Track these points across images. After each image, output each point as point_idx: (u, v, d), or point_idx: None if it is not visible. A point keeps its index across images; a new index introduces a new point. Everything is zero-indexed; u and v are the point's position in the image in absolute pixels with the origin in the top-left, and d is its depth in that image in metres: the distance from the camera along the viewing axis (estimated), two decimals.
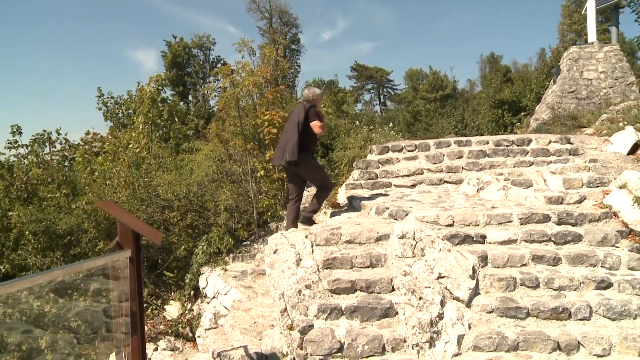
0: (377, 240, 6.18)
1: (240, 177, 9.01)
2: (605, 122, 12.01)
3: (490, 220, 6.57)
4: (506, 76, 34.74)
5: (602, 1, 16.22)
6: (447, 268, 5.41)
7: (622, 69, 15.20)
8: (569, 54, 16.08)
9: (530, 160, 9.29)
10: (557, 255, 5.96)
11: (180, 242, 8.47)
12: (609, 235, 6.27)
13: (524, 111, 22.94)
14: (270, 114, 8.80)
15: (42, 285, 3.24)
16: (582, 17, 21.54)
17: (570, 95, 15.32)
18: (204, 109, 27.70)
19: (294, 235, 6.35)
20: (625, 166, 8.52)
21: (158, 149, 12.10)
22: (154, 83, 15.27)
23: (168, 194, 8.81)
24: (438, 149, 9.82)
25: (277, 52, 9.97)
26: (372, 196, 8.35)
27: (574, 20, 40.99)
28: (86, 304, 5.31)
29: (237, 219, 8.60)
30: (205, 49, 36.47)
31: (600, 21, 20.62)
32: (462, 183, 8.73)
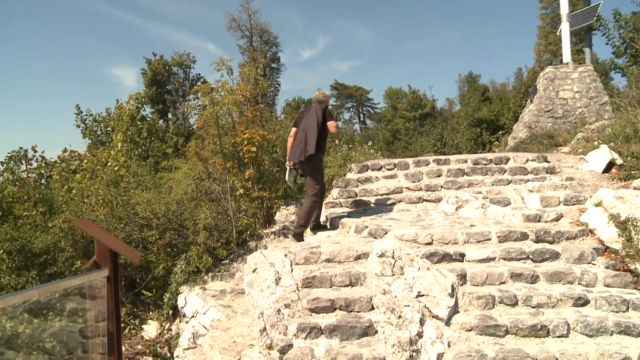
0: (356, 259, 6.19)
1: (220, 195, 8.97)
2: (581, 140, 12.18)
3: (469, 238, 6.62)
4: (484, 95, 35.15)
5: (576, 23, 16.54)
6: (426, 286, 5.43)
7: (596, 89, 15.46)
8: (545, 74, 16.32)
9: (508, 179, 9.38)
10: (535, 273, 6.01)
11: (158, 261, 8.40)
12: (585, 253, 6.34)
13: (502, 130, 23.19)
14: (249, 133, 8.79)
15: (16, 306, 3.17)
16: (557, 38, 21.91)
17: (547, 114, 15.52)
18: (183, 126, 27.64)
19: (273, 254, 6.33)
20: (601, 184, 8.63)
21: (137, 167, 12.03)
22: (133, 101, 15.21)
23: (147, 212, 8.74)
24: (417, 167, 9.88)
25: (256, 71, 9.98)
26: (351, 215, 8.36)
27: (549, 40, 41.76)
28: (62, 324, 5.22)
29: (216, 237, 8.55)
30: (185, 67, 36.46)
31: (575, 42, 21.02)
32: (441, 201, 8.78)
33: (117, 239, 3.71)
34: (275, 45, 52.47)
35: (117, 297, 3.57)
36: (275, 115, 17.33)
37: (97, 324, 3.53)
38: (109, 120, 17.89)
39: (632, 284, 6.05)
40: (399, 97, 57.13)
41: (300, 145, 7.64)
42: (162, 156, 16.62)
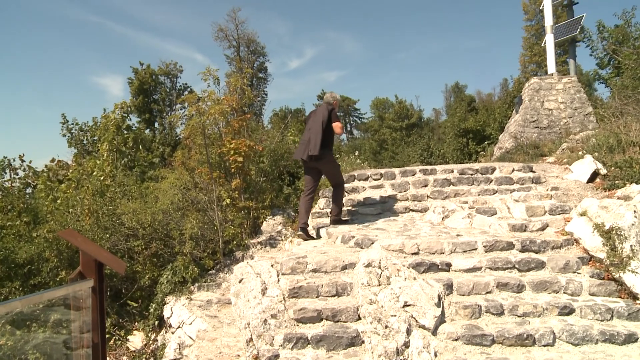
0: (343, 269, 6.19)
1: (206, 205, 8.94)
2: (566, 151, 12.29)
3: (455, 248, 6.64)
4: (470, 105, 35.38)
5: (560, 35, 16.72)
6: (412, 296, 5.44)
7: (581, 100, 15.62)
8: (530, 85, 16.47)
9: (494, 189, 9.43)
10: (521, 282, 6.05)
11: (144, 271, 8.35)
12: (570, 262, 6.40)
13: (488, 140, 23.33)
14: (236, 143, 8.79)
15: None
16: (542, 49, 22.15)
17: (532, 124, 15.65)
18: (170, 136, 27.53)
19: (260, 264, 6.33)
20: (585, 194, 8.71)
21: (123, 177, 11.96)
22: (119, 110, 15.16)
23: (133, 222, 8.69)
24: (403, 177, 9.91)
25: (243, 81, 9.98)
26: (337, 225, 8.37)
27: (534, 52, 42.17)
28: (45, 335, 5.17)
29: (203, 247, 8.52)
30: (172, 77, 36.39)
31: (559, 53, 21.27)
32: (427, 211, 8.81)
33: (103, 249, 3.69)
34: (262, 55, 52.58)
35: (102, 307, 3.55)
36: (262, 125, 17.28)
37: (82, 335, 3.50)
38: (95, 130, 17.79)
39: (616, 292, 6.11)
40: (386, 107, 57.33)
41: (304, 144, 8.06)
42: (149, 166, 16.54)
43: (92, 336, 3.47)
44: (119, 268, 3.73)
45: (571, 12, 17.32)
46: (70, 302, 3.47)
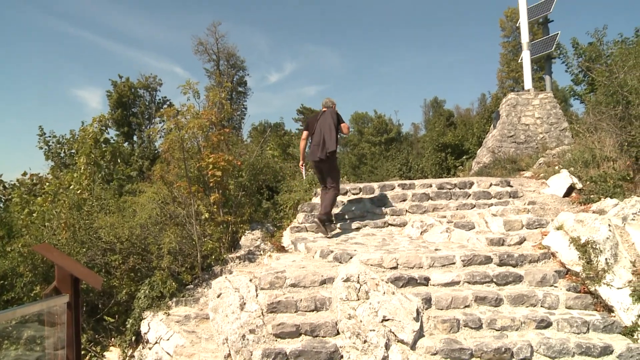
0: (321, 284, 6.19)
1: (185, 219, 8.89)
2: (543, 165, 12.44)
3: (434, 262, 6.68)
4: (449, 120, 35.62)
5: (536, 52, 16.98)
6: (391, 311, 5.45)
7: (556, 115, 15.84)
8: (507, 100, 16.67)
9: (472, 203, 9.51)
10: (499, 296, 6.09)
11: (122, 285, 8.25)
12: (547, 276, 6.46)
13: (467, 154, 23.51)
14: (215, 157, 8.76)
15: None
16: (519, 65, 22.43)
17: (510, 139, 15.82)
18: (149, 149, 27.36)
19: (238, 279, 6.30)
20: (562, 208, 8.82)
21: (100, 191, 11.85)
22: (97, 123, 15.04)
23: (110, 236, 8.60)
24: (382, 192, 9.95)
25: (222, 95, 9.97)
26: (316, 239, 8.37)
27: (511, 68, 42.72)
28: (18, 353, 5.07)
29: (181, 262, 8.45)
30: (152, 90, 36.18)
31: (536, 69, 21.58)
32: (406, 226, 8.85)
33: (79, 264, 3.66)
34: (242, 69, 52.62)
35: (77, 323, 3.50)
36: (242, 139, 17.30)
37: (56, 351, 3.45)
38: (72, 143, 17.62)
39: (592, 305, 6.19)
40: (365, 121, 57.55)
41: (319, 145, 8.66)
42: (127, 179, 16.42)
43: (66, 353, 3.43)
44: (96, 283, 3.69)
45: (547, 30, 17.60)
46: (44, 318, 3.43)
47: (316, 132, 8.89)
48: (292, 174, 12.34)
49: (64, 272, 3.42)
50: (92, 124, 14.70)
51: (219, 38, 50.59)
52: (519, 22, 17.16)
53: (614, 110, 9.27)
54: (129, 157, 23.09)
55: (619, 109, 9.05)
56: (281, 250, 8.68)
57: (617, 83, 9.05)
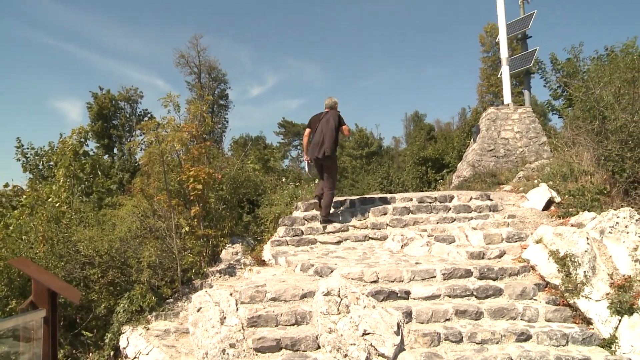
0: (302, 298, 6.18)
1: (165, 233, 8.83)
2: (522, 179, 12.55)
3: (414, 276, 6.70)
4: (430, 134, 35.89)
5: (515, 67, 17.19)
6: (372, 324, 5.45)
7: (535, 130, 16.01)
8: (487, 115, 16.82)
9: (452, 217, 9.56)
10: (480, 310, 6.12)
11: (100, 299, 8.16)
12: (527, 289, 6.51)
13: (447, 168, 23.63)
14: (195, 170, 8.73)
15: None
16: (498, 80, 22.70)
17: (490, 153, 15.95)
18: (129, 162, 27.19)
19: (219, 293, 6.27)
20: (541, 221, 8.90)
21: (80, 204, 11.73)
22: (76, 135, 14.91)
23: (89, 249, 8.51)
24: (363, 205, 9.97)
25: (203, 108, 9.96)
26: (297, 253, 8.37)
27: (491, 82, 43.15)
28: None
29: (161, 276, 8.38)
30: (133, 102, 36.02)
31: (515, 84, 21.81)
32: (386, 239, 8.87)
33: (57, 278, 3.61)
34: (223, 82, 52.54)
35: (54, 338, 3.45)
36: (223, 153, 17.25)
37: None
38: (51, 155, 17.43)
39: (571, 318, 6.25)
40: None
41: (318, 145, 9.27)
42: (107, 192, 16.27)
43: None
44: (74, 297, 3.65)
45: (525, 45, 17.85)
46: (20, 334, 3.37)
47: (317, 132, 9.47)
48: (273, 188, 12.33)
49: (41, 286, 3.38)
50: (72, 136, 14.58)
51: (200, 51, 50.55)
52: (498, 38, 17.36)
53: (591, 125, 9.41)
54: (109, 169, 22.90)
55: (596, 124, 9.18)
56: (262, 264, 8.66)
57: (594, 98, 9.19)
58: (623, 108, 8.62)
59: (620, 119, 8.55)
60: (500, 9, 16.76)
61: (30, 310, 3.34)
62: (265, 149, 22.44)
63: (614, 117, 8.72)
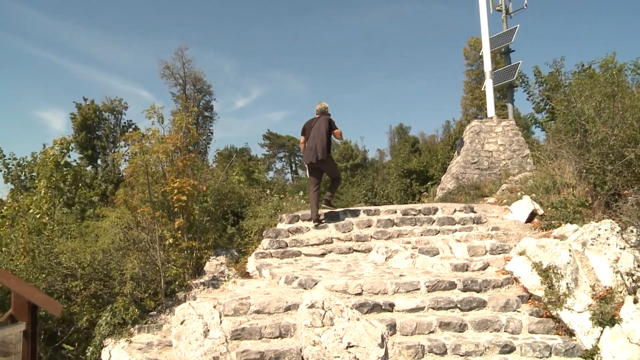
0: (286, 310, 6.16)
1: (148, 245, 8.77)
2: (506, 191, 12.62)
3: (399, 288, 6.70)
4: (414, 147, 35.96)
5: (498, 80, 17.35)
6: (356, 337, 5.44)
7: (518, 143, 16.14)
8: (471, 127, 16.91)
9: (436, 229, 9.59)
10: (463, 322, 6.14)
11: (82, 312, 8.08)
12: (510, 301, 6.55)
13: (431, 180, 23.71)
14: (180, 182, 8.70)
15: None
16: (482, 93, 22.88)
17: (473, 166, 16.04)
18: (112, 173, 27.03)
19: (202, 306, 6.23)
20: (524, 234, 8.96)
21: (61, 215, 11.63)
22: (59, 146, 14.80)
23: (71, 261, 8.43)
24: (347, 217, 9.98)
25: (188, 120, 9.94)
26: (281, 265, 8.35)
27: (475, 95, 43.50)
28: None
29: (144, 288, 8.32)
30: (117, 113, 35.85)
31: (499, 97, 21.99)
32: (371, 252, 8.87)
33: (37, 290, 3.58)
34: (208, 93, 52.47)
35: (34, 353, 3.41)
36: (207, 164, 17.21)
37: None
38: (33, 166, 17.28)
39: (554, 329, 6.29)
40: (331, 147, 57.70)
41: (312, 150, 9.66)
42: (89, 204, 16.14)
43: None
44: (55, 310, 3.61)
45: (509, 59, 18.03)
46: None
47: (310, 138, 9.83)
48: (258, 200, 12.30)
49: (21, 299, 3.34)
50: (53, 147, 14.47)
51: (185, 62, 50.45)
52: (481, 52, 17.51)
53: (572, 138, 9.50)
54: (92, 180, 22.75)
55: (578, 137, 9.28)
56: (246, 276, 8.62)
57: (575, 112, 9.29)
58: (603, 122, 8.72)
59: (600, 132, 8.65)
60: (484, 23, 16.93)
61: (10, 323, 3.30)
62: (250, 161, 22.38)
63: (594, 130, 8.82)
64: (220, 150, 40.76)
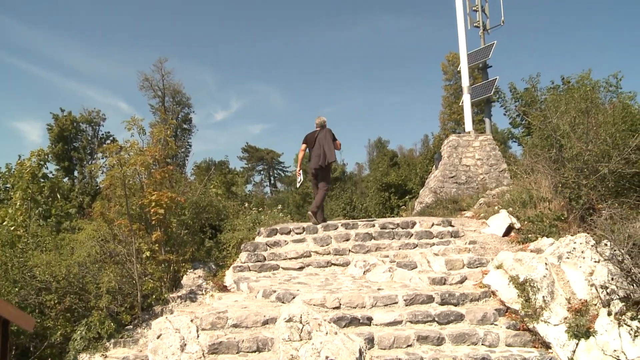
0: (264, 324, 6.14)
1: (125, 258, 8.70)
2: (483, 205, 12.72)
3: (377, 302, 6.71)
4: (393, 160, 36.11)
5: (476, 95, 17.54)
6: (334, 351, 5.43)
7: (496, 157, 16.30)
8: (449, 142, 17.04)
9: (414, 243, 9.62)
10: (441, 335, 6.16)
11: (56, 326, 7.95)
12: (488, 314, 6.59)
13: (410, 194, 23.78)
14: (158, 194, 8.65)
15: None
16: (460, 107, 23.11)
17: (451, 180, 16.15)
18: (90, 185, 26.79)
19: (179, 319, 6.19)
20: (501, 247, 9.03)
21: (37, 227, 11.48)
22: (35, 157, 14.64)
23: (45, 275, 8.31)
24: (326, 231, 9.99)
25: (167, 132, 9.90)
26: (259, 279, 8.33)
27: (453, 110, 43.84)
28: None
29: (120, 302, 8.23)
30: (95, 125, 35.64)
31: (476, 112, 22.25)
32: (349, 265, 8.88)
33: (9, 304, 3.52)
34: (187, 106, 52.22)
35: None
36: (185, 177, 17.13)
37: None
38: (8, 177, 17.05)
39: (531, 342, 6.35)
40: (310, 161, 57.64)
41: (320, 156, 10.75)
42: (66, 216, 15.95)
43: None
44: (27, 325, 3.56)
45: (486, 74, 18.23)
46: None
47: (316, 146, 10.91)
48: (236, 213, 12.25)
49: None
50: (30, 158, 14.32)
51: (165, 74, 50.19)
52: (459, 67, 17.71)
53: (548, 153, 9.61)
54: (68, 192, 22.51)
55: (553, 152, 9.39)
56: (223, 289, 8.57)
57: (551, 127, 9.41)
58: (578, 137, 8.85)
59: (575, 147, 8.78)
60: (462, 39, 17.14)
61: None
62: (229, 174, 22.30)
63: (570, 145, 8.95)
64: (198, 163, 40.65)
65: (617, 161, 8.41)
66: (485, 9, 18.23)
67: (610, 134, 8.73)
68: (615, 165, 8.40)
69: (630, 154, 8.48)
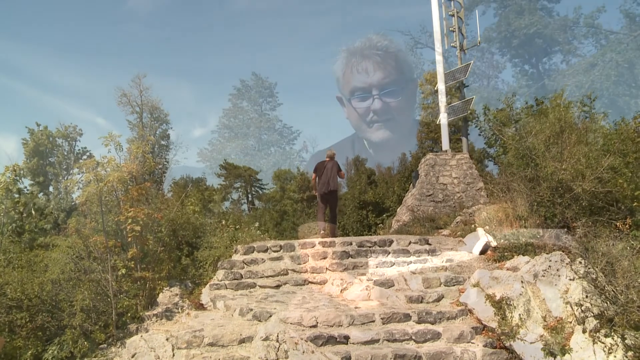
0: (240, 343, 6.10)
1: (100, 275, 8.58)
2: (460, 224, 12.80)
3: (354, 320, 6.71)
4: (370, 178, 36.15)
5: (453, 114, 17.72)
6: None
7: (472, 176, 16.43)
8: (426, 160, 17.16)
9: (392, 261, 9.63)
10: (418, 354, 6.16)
11: (27, 346, 7.78)
12: (465, 332, 6.61)
13: (387, 212, 23.82)
14: (134, 211, 8.57)
15: None
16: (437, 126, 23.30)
17: (428, 198, 16.23)
18: (65, 201, 26.44)
19: (155, 338, 6.13)
20: (478, 265, 9.07)
21: (9, 244, 11.30)
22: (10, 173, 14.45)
23: (17, 292, 8.16)
24: (303, 249, 9.97)
25: (144, 149, 9.84)
26: (236, 297, 8.28)
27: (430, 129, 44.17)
28: None
29: (95, 320, 8.10)
30: (71, 140, 35.23)
31: (453, 131, 22.40)
32: (326, 283, 8.86)
33: None
34: (165, 122, 51.93)
35: None
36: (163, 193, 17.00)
37: None
38: None
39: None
40: (288, 178, 57.59)
41: (325, 184, 12.22)
42: (40, 232, 15.74)
43: None
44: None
45: (463, 94, 18.45)
46: None
47: (324, 175, 12.38)
48: (213, 230, 12.17)
49: None
50: (5, 173, 14.13)
51: (143, 90, 49.92)
52: (437, 86, 17.89)
53: (524, 172, 9.73)
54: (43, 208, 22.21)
55: (529, 171, 9.51)
56: (200, 308, 8.49)
57: (526, 146, 9.54)
58: (552, 156, 8.98)
59: (550, 166, 8.90)
60: (439, 58, 17.38)
61: None
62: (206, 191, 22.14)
63: (544, 164, 9.07)
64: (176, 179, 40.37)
65: (590, 180, 8.54)
66: (462, 29, 18.49)
67: (584, 154, 8.88)
68: (589, 185, 8.52)
69: (602, 173, 8.62)
